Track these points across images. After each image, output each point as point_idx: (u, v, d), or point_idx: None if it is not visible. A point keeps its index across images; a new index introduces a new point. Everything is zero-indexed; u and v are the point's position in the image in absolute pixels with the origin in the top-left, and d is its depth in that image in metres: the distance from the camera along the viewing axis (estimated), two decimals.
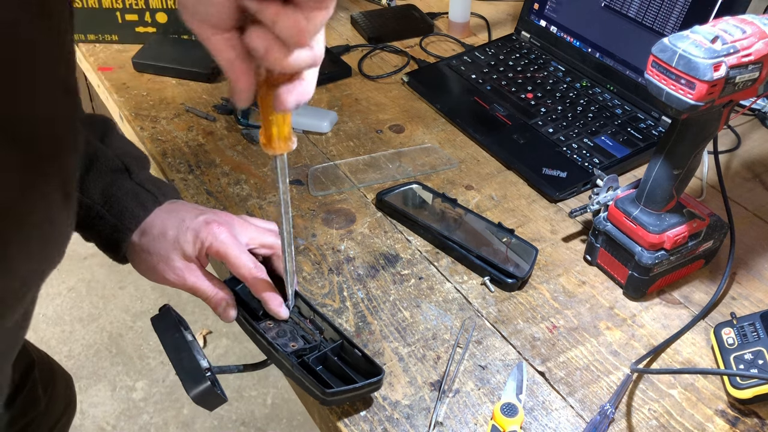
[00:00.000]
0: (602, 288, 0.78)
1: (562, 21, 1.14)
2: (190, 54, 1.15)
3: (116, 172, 0.67)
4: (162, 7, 1.18)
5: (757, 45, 0.62)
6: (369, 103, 1.09)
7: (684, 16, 0.95)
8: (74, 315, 1.86)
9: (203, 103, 1.08)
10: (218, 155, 0.96)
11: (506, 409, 0.62)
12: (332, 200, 0.89)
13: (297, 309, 0.69)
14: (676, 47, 0.62)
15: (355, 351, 0.64)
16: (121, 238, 0.66)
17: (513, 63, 1.15)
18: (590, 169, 0.92)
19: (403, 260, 0.81)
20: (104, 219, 0.65)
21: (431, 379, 0.67)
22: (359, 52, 1.23)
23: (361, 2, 1.41)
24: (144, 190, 0.67)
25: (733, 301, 0.77)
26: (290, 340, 0.65)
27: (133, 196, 0.66)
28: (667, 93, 0.63)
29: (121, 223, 0.65)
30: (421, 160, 0.96)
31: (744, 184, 0.95)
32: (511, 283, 0.76)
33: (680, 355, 0.71)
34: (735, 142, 1.03)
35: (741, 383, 0.64)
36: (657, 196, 0.72)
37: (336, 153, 0.98)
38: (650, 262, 0.73)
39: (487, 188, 0.92)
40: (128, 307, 1.89)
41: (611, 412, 0.63)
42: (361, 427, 0.63)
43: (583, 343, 0.71)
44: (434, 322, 0.73)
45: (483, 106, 1.06)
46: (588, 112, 1.03)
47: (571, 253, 0.83)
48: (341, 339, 0.65)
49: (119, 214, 0.65)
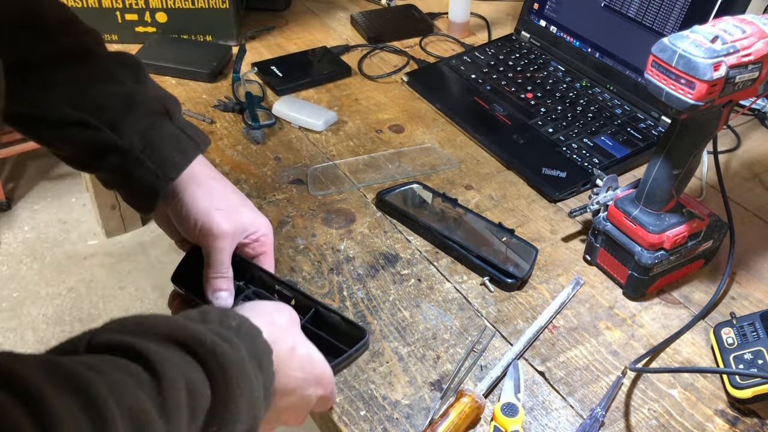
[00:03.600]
0: (602, 288, 0.78)
1: (562, 21, 1.14)
2: (190, 54, 1.15)
3: (157, 114, 0.63)
4: (162, 6, 1.18)
5: (756, 45, 0.62)
6: (369, 103, 1.09)
7: (684, 16, 0.95)
8: (74, 315, 1.86)
9: (203, 103, 1.08)
10: (218, 155, 0.96)
11: (506, 409, 0.62)
12: (332, 200, 0.89)
13: (261, 282, 0.67)
14: (676, 47, 0.62)
15: (331, 315, 0.61)
16: (160, 186, 0.62)
17: (513, 63, 1.15)
18: (590, 169, 0.92)
19: (403, 260, 0.81)
20: (144, 166, 0.61)
21: (431, 378, 0.67)
22: (359, 52, 1.23)
23: (361, 2, 1.41)
24: (185, 136, 0.64)
25: (733, 301, 0.77)
26: None
27: (174, 142, 0.63)
28: (667, 93, 0.63)
29: (162, 171, 0.62)
30: (421, 160, 0.96)
31: (744, 184, 0.95)
32: (510, 283, 0.76)
33: (680, 355, 0.71)
34: (735, 142, 1.03)
35: (741, 383, 0.64)
36: (657, 196, 0.72)
37: (336, 153, 0.98)
38: (650, 262, 0.73)
39: (487, 188, 0.92)
40: (128, 307, 1.89)
41: (602, 415, 0.63)
42: (361, 426, 0.63)
43: (582, 343, 0.72)
44: (434, 322, 0.73)
45: (483, 106, 1.06)
46: (588, 112, 1.03)
47: (571, 253, 0.83)
48: (314, 305, 0.63)
49: (161, 162, 0.62)
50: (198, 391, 0.42)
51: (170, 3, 1.18)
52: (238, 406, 0.45)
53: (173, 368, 0.41)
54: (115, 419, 0.35)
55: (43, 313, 1.86)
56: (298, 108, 1.04)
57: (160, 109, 0.64)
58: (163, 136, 0.63)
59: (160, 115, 0.63)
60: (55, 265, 1.98)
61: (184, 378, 0.42)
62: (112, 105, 0.62)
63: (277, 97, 1.08)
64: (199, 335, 0.45)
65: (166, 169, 0.62)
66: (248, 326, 0.51)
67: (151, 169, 0.62)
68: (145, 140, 0.62)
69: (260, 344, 0.50)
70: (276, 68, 1.14)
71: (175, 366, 0.41)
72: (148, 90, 0.64)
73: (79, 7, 1.17)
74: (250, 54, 1.20)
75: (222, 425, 0.44)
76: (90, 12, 1.18)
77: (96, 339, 0.41)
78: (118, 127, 0.61)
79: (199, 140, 0.65)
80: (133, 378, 0.39)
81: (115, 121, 0.61)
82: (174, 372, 0.41)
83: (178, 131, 0.64)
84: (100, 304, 1.89)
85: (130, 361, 0.40)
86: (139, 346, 0.41)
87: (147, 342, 0.42)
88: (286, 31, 1.30)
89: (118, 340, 0.41)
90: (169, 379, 0.40)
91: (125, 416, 0.36)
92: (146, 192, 0.63)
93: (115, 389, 0.37)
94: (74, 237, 2.07)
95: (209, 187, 0.65)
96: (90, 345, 0.41)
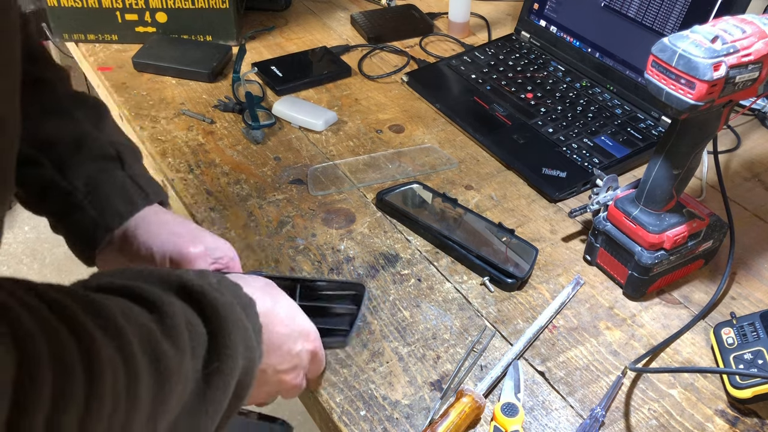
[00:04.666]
0: (602, 288, 0.78)
1: (562, 21, 1.14)
2: (190, 54, 1.15)
3: (107, 159, 0.61)
4: (162, 6, 1.18)
5: (756, 45, 0.62)
6: (369, 103, 1.09)
7: (684, 16, 0.95)
8: None
9: (203, 103, 1.08)
10: (218, 155, 0.96)
11: (506, 409, 0.62)
12: (332, 200, 0.89)
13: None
14: (676, 47, 0.62)
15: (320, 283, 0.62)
16: (98, 234, 0.59)
17: (513, 63, 1.15)
18: (590, 169, 0.92)
19: (403, 260, 0.81)
20: (84, 211, 0.59)
21: (431, 378, 0.67)
22: (359, 52, 1.23)
23: (361, 2, 1.41)
24: (135, 186, 0.61)
25: (733, 301, 0.77)
26: None
27: (121, 191, 0.60)
28: (667, 93, 0.63)
29: (102, 219, 0.59)
30: (421, 160, 0.96)
31: (744, 184, 0.95)
32: (510, 283, 0.76)
33: (680, 355, 0.71)
34: (735, 142, 1.03)
35: (741, 383, 0.64)
36: (657, 196, 0.72)
37: (336, 153, 0.98)
38: (650, 261, 0.73)
39: (487, 188, 0.92)
40: None
41: (602, 416, 0.63)
42: (361, 426, 0.63)
43: (582, 343, 0.72)
44: (434, 322, 0.73)
45: (483, 105, 1.06)
46: (588, 112, 1.03)
47: (571, 253, 0.83)
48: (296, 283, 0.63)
49: (102, 209, 0.59)
50: (195, 329, 0.44)
51: (170, 3, 1.18)
52: (233, 341, 0.46)
53: (172, 306, 0.43)
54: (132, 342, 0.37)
55: None
56: (298, 108, 1.04)
57: (113, 154, 0.61)
58: (111, 183, 0.60)
59: (111, 161, 0.60)
60: (55, 265, 1.98)
61: (184, 316, 0.43)
62: (62, 142, 0.59)
63: (277, 97, 1.08)
64: (188, 281, 0.46)
65: (106, 217, 0.59)
66: (228, 281, 0.52)
67: (90, 215, 0.59)
68: (89, 185, 0.59)
69: (243, 295, 0.52)
70: (276, 68, 1.14)
71: (173, 305, 0.43)
72: (103, 134, 0.61)
73: (79, 7, 1.17)
74: (250, 54, 1.20)
75: (222, 360, 0.45)
76: (90, 12, 1.18)
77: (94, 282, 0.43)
78: (64, 166, 0.58)
79: (150, 191, 0.62)
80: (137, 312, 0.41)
81: (61, 161, 0.58)
82: (174, 309, 0.42)
83: (127, 180, 0.61)
84: None
85: (132, 302, 0.41)
86: (138, 288, 0.42)
87: (145, 285, 0.43)
88: (286, 31, 1.30)
89: (120, 284, 0.43)
90: (170, 315, 0.42)
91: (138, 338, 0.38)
92: (84, 239, 0.60)
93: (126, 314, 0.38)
94: None
95: (162, 221, 0.62)
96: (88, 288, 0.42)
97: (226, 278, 0.52)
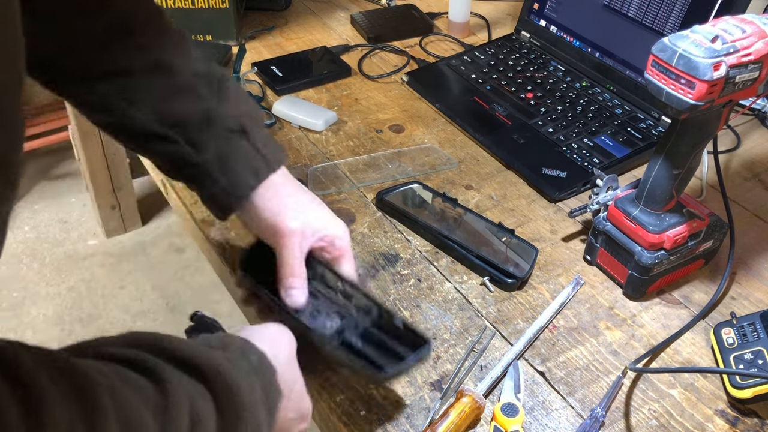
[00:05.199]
0: (602, 288, 0.78)
1: (562, 21, 1.14)
2: None
3: (233, 132, 0.65)
4: (162, 6, 1.18)
5: (757, 45, 0.62)
6: (369, 103, 1.09)
7: (684, 16, 0.95)
8: (74, 315, 1.86)
9: None
10: None
11: (507, 409, 0.62)
12: (332, 200, 0.89)
13: (321, 278, 0.67)
14: (676, 47, 0.62)
15: (393, 320, 0.62)
16: (232, 203, 0.65)
17: (513, 63, 1.15)
18: (590, 168, 0.92)
19: (403, 260, 0.81)
20: (218, 182, 0.64)
21: (431, 378, 0.67)
22: (359, 51, 1.23)
23: (361, 2, 1.41)
24: (260, 156, 0.66)
25: (733, 301, 0.77)
26: (326, 318, 0.64)
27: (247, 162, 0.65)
28: (667, 93, 0.63)
29: (234, 190, 0.65)
30: (421, 160, 0.96)
31: (744, 184, 0.95)
32: (510, 283, 0.76)
33: (680, 355, 0.71)
34: (735, 141, 1.03)
35: (741, 383, 0.64)
36: (657, 196, 0.72)
37: (336, 153, 0.98)
38: (650, 261, 0.73)
39: (487, 188, 0.92)
40: (128, 307, 1.89)
41: (602, 416, 0.63)
42: (361, 426, 0.63)
43: (582, 343, 0.71)
44: (434, 322, 0.73)
45: (483, 105, 1.06)
46: (588, 112, 1.03)
47: (571, 253, 0.83)
48: (377, 306, 0.63)
49: (233, 181, 0.64)
50: (202, 421, 0.42)
51: (170, 3, 1.18)
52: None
53: (182, 392, 0.41)
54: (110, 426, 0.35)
55: (43, 313, 1.86)
56: (297, 108, 1.04)
57: (237, 128, 0.65)
58: (238, 155, 0.64)
59: (237, 134, 0.65)
60: (55, 265, 1.98)
61: (190, 404, 0.41)
62: (191, 121, 0.63)
63: (277, 97, 1.08)
64: (215, 364, 0.44)
65: (238, 188, 0.64)
66: (266, 364, 0.51)
67: (224, 187, 0.64)
68: (219, 159, 0.64)
69: (275, 387, 0.51)
70: (276, 68, 1.14)
71: (184, 390, 0.41)
72: (228, 107, 0.65)
73: None
74: (250, 54, 1.20)
75: None
76: None
77: (108, 349, 0.41)
78: (196, 142, 0.63)
79: (272, 158, 0.66)
80: (139, 393, 0.39)
81: (193, 137, 0.63)
82: (182, 396, 0.41)
83: (252, 151, 0.65)
84: (100, 304, 1.89)
85: (140, 375, 0.40)
86: (151, 362, 0.41)
87: (160, 360, 0.41)
88: (286, 31, 1.30)
89: (134, 355, 0.41)
90: (175, 402, 0.40)
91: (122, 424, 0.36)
92: (219, 205, 0.66)
93: (117, 397, 0.36)
94: (74, 237, 2.07)
95: (280, 192, 0.66)
96: (101, 354, 0.41)
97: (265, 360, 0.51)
